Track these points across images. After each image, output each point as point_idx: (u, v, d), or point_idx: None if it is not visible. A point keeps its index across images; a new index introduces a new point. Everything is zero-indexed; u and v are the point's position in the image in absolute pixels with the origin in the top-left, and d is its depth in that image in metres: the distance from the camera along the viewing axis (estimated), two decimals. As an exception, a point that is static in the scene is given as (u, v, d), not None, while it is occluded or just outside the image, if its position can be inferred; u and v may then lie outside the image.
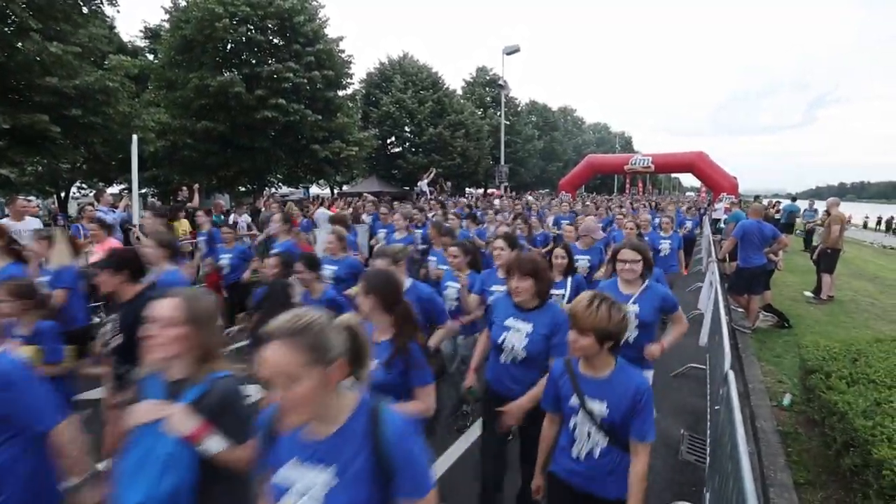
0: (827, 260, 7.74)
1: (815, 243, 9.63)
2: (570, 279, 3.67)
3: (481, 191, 33.32)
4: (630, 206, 16.62)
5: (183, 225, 7.79)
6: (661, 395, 4.39)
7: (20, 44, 10.86)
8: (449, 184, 20.39)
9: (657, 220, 7.72)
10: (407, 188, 27.93)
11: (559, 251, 3.70)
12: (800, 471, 3.27)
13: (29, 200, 8.53)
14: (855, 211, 27.74)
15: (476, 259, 3.80)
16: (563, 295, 3.54)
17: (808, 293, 8.16)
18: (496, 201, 14.93)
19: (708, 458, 3.19)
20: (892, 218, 34.60)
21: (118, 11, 14.63)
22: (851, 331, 6.10)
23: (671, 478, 3.23)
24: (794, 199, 16.08)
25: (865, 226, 37.54)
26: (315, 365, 1.08)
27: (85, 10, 13.05)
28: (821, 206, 11.35)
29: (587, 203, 14.72)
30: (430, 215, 8.59)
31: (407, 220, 6.58)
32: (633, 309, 2.79)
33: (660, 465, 3.29)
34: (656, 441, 3.19)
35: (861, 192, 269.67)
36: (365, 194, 16.42)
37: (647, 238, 6.22)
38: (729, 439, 2.06)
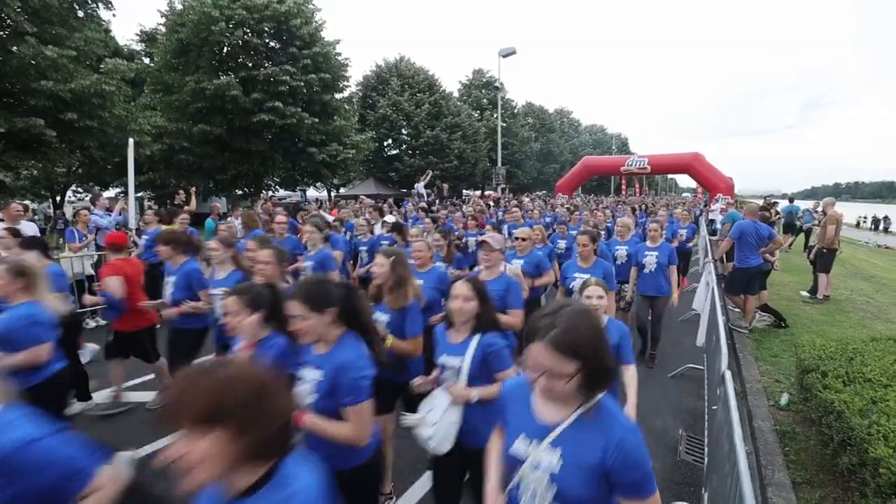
0: (823, 259, 7.77)
1: (811, 243, 9.67)
2: (475, 339, 2.00)
3: (478, 192, 33.39)
4: (614, 207, 14.52)
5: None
6: (659, 396, 4.41)
7: (15, 47, 10.85)
8: (446, 186, 20.42)
9: (647, 224, 5.96)
10: (404, 190, 27.95)
11: (460, 288, 2.03)
12: (797, 470, 3.28)
13: (25, 206, 8.49)
14: (850, 210, 27.90)
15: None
16: (459, 368, 2.00)
17: (804, 293, 8.19)
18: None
19: (706, 458, 3.20)
20: (886, 217, 34.80)
21: (114, 15, 14.74)
22: (847, 330, 6.12)
23: (670, 478, 3.23)
24: (791, 199, 16.21)
25: (858, 225, 37.68)
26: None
27: (81, 13, 13.09)
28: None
29: (565, 205, 12.19)
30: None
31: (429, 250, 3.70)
32: (547, 460, 1.20)
33: (658, 466, 3.29)
34: (655, 442, 3.20)
35: (855, 191, 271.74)
36: (361, 197, 16.40)
37: (627, 247, 5.39)
38: (727, 439, 2.06)
